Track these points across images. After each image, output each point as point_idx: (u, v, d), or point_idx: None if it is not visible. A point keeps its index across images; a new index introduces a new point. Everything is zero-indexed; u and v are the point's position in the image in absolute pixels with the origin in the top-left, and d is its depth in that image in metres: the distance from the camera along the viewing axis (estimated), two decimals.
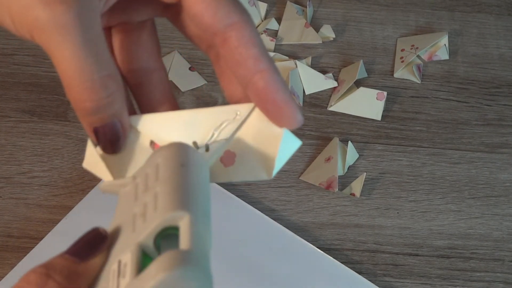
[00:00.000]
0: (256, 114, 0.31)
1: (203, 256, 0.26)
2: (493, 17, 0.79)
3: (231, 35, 0.30)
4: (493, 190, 0.67)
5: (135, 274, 0.27)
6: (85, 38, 0.28)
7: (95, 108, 0.30)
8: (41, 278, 0.28)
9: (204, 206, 0.28)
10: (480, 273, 0.63)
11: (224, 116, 0.32)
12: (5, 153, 0.66)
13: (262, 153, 0.31)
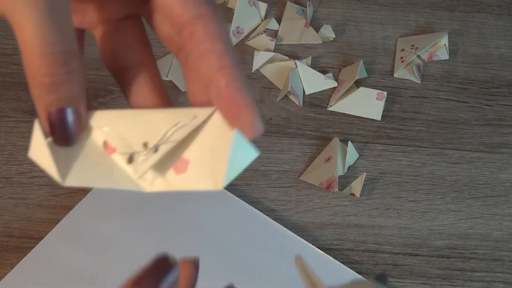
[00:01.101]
0: (216, 119, 0.30)
1: None
2: (493, 17, 0.79)
3: (197, 28, 0.29)
4: (493, 190, 0.67)
5: None
6: (51, 9, 0.27)
7: (52, 84, 0.28)
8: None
9: None
10: (480, 273, 0.63)
11: (181, 118, 0.31)
12: (5, 153, 0.66)
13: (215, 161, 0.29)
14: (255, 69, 0.73)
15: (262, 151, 0.68)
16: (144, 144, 0.31)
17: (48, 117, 0.29)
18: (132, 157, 0.31)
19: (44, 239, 0.61)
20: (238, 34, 0.75)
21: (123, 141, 0.31)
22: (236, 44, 0.75)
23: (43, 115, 0.29)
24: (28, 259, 0.60)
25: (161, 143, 0.31)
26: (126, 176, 0.31)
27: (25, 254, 0.60)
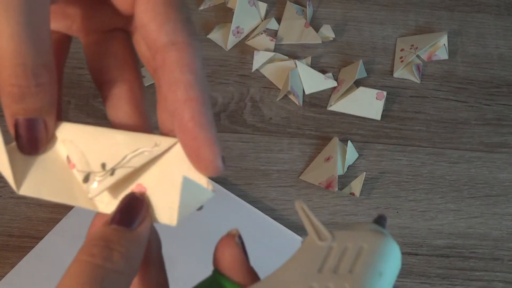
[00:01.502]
0: (178, 150, 0.30)
1: None
2: (493, 17, 0.79)
3: (170, 56, 0.29)
4: (492, 189, 0.68)
5: None
6: (29, 20, 0.27)
7: (20, 95, 0.28)
8: (105, 251, 0.28)
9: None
10: (479, 272, 0.63)
11: (143, 144, 0.30)
12: None
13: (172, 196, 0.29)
14: (255, 69, 0.73)
15: (262, 151, 0.68)
16: (102, 164, 0.31)
17: (14, 124, 0.29)
18: (88, 176, 0.31)
19: (44, 239, 0.61)
20: (238, 34, 0.75)
21: (83, 158, 0.31)
22: (236, 44, 0.75)
23: (10, 122, 0.29)
24: (29, 258, 0.60)
25: (118, 167, 0.30)
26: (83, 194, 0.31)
27: (26, 254, 0.60)
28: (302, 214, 0.30)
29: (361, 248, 0.29)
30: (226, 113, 0.70)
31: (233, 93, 0.72)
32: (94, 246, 0.28)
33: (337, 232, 0.30)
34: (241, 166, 0.67)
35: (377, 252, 0.29)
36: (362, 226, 0.30)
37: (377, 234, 0.29)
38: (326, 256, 0.29)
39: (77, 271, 0.27)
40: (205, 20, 0.77)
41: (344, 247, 0.29)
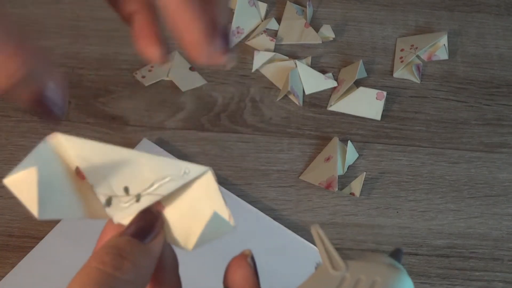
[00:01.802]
0: (206, 179, 0.30)
1: None
2: (493, 17, 0.79)
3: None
4: (492, 189, 0.68)
5: None
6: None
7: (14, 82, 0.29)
8: (116, 260, 0.28)
9: None
10: (479, 272, 0.63)
11: (171, 171, 0.30)
12: (6, 153, 0.67)
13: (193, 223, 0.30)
14: (255, 69, 0.73)
15: (262, 151, 0.68)
16: (125, 188, 0.30)
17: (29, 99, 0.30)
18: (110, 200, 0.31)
19: (44, 239, 0.61)
20: (238, 34, 0.75)
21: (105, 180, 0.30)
22: (236, 44, 0.75)
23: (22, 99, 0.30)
24: (29, 258, 0.60)
25: (144, 193, 0.30)
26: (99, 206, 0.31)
27: (26, 254, 0.60)
28: (318, 239, 0.30)
29: (374, 281, 0.29)
30: (226, 113, 0.70)
31: (233, 93, 0.72)
32: (106, 254, 0.28)
33: (351, 262, 0.30)
34: (241, 166, 0.67)
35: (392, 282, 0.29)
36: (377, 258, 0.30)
37: (391, 269, 0.29)
38: (338, 286, 0.29)
39: (86, 277, 0.27)
40: None
41: (357, 278, 0.29)
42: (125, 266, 0.28)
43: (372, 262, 0.30)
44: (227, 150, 0.68)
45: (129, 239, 0.29)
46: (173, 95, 0.71)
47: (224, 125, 0.70)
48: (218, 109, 0.71)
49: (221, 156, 0.68)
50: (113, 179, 0.30)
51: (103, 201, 0.30)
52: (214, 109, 0.71)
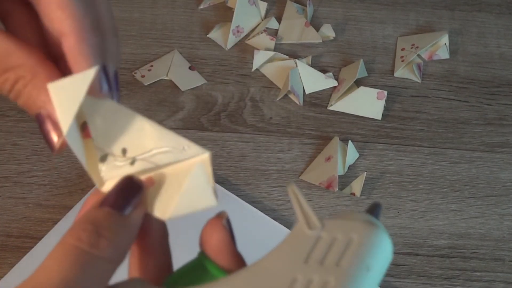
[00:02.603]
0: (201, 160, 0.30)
1: None
2: (494, 16, 0.79)
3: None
4: (494, 189, 0.67)
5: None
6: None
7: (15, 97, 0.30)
8: (93, 237, 0.27)
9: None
10: (480, 272, 0.63)
11: (171, 144, 0.30)
12: (4, 153, 0.66)
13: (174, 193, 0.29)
14: (255, 68, 0.73)
15: (262, 150, 0.68)
16: (123, 150, 0.30)
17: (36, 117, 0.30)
18: (106, 156, 0.31)
19: (43, 239, 0.61)
20: (238, 33, 0.75)
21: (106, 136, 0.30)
22: (236, 44, 0.75)
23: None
24: (27, 258, 0.60)
25: (140, 158, 0.30)
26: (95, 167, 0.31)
27: (25, 254, 0.60)
28: (294, 199, 0.29)
29: (350, 239, 0.28)
30: (226, 113, 0.70)
31: (233, 92, 0.72)
32: (83, 230, 0.28)
33: (328, 221, 0.29)
34: (241, 166, 0.67)
35: (366, 244, 0.27)
36: (354, 216, 0.29)
37: (368, 226, 0.28)
38: (313, 246, 0.28)
39: (61, 254, 0.27)
40: (205, 19, 0.76)
41: (333, 237, 0.28)
42: (102, 244, 0.27)
43: (349, 220, 0.29)
44: (227, 149, 0.68)
45: (107, 212, 0.29)
46: (172, 95, 0.71)
47: (224, 124, 0.69)
48: (218, 108, 0.70)
49: (221, 156, 0.67)
50: (114, 137, 0.30)
51: (99, 156, 0.31)
52: (214, 108, 0.70)
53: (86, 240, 0.27)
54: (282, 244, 0.29)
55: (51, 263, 0.27)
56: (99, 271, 0.27)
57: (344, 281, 0.26)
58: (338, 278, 0.26)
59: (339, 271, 0.26)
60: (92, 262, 0.27)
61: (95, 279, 0.27)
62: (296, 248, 0.28)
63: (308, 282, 0.26)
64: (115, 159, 0.30)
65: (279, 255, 0.28)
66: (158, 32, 0.75)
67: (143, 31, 0.75)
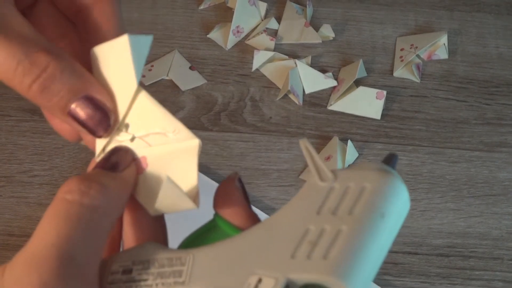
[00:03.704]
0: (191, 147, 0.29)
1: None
2: (492, 16, 0.79)
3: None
4: (492, 189, 0.68)
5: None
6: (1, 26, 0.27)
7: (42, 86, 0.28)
8: (83, 183, 0.27)
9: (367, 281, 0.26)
10: (479, 271, 0.63)
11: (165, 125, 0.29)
12: (5, 152, 0.67)
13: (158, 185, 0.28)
14: (255, 68, 0.73)
15: (262, 150, 0.68)
16: (126, 125, 0.30)
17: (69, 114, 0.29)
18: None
19: None
20: (238, 34, 0.75)
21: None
22: (236, 44, 0.75)
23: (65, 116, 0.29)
24: None
25: (138, 136, 0.30)
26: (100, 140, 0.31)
27: None
28: (306, 153, 0.28)
29: (363, 188, 0.26)
30: (226, 113, 0.70)
31: (233, 92, 0.72)
32: (72, 181, 0.27)
33: (340, 172, 0.28)
34: (241, 166, 0.67)
35: (380, 191, 0.26)
36: (368, 165, 0.28)
37: (381, 173, 0.27)
38: (326, 197, 0.27)
39: (53, 211, 0.26)
40: (205, 19, 0.77)
41: (346, 187, 0.27)
42: (93, 190, 0.27)
43: (361, 169, 0.27)
44: (227, 149, 0.68)
45: (99, 169, 0.28)
46: (173, 94, 0.71)
47: (224, 124, 0.70)
48: (218, 108, 0.71)
49: (221, 155, 0.68)
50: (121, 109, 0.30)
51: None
52: (214, 108, 0.71)
53: (76, 188, 0.27)
54: (295, 198, 0.28)
55: (44, 223, 0.26)
56: (93, 221, 0.26)
57: (357, 229, 0.25)
58: (351, 226, 0.25)
59: (352, 219, 0.25)
60: (85, 212, 0.26)
61: (91, 231, 0.26)
62: (309, 201, 0.27)
63: (321, 232, 0.26)
64: (118, 133, 0.30)
65: (292, 209, 0.27)
66: (158, 32, 0.75)
67: (143, 31, 0.75)
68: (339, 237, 0.25)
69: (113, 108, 0.29)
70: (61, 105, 0.29)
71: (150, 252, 0.29)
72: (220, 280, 0.26)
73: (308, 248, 0.25)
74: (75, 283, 0.25)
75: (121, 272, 0.28)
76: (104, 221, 0.27)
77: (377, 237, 0.26)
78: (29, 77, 0.28)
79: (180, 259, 0.28)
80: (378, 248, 0.26)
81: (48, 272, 0.25)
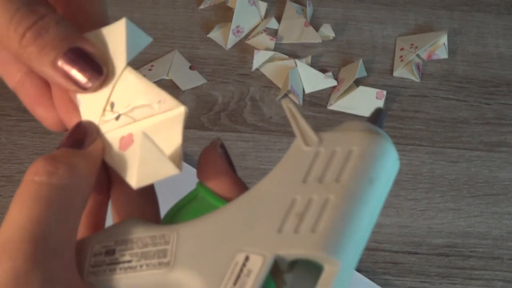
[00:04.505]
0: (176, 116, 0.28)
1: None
2: (492, 16, 0.79)
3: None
4: (492, 188, 0.68)
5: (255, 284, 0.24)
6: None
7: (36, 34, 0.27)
8: (50, 164, 0.26)
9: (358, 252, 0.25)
10: (479, 271, 0.63)
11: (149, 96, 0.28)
12: (5, 152, 0.67)
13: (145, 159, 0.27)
14: (255, 68, 0.73)
15: (262, 150, 0.68)
16: (111, 103, 0.29)
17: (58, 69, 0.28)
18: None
19: None
20: (238, 33, 0.75)
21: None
22: (236, 43, 0.75)
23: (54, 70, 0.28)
24: None
25: (123, 113, 0.29)
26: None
27: None
28: (290, 115, 0.26)
29: (350, 151, 0.25)
30: (226, 112, 0.70)
31: (233, 92, 0.72)
32: (39, 162, 0.26)
33: (325, 134, 0.26)
34: (241, 165, 0.67)
35: (367, 155, 0.25)
36: (354, 126, 0.26)
37: (368, 134, 0.25)
38: (312, 163, 0.26)
39: (22, 194, 0.26)
40: (205, 19, 0.77)
41: (332, 151, 0.25)
42: (60, 170, 0.26)
43: (348, 131, 0.26)
44: (227, 149, 0.68)
45: (64, 148, 0.28)
46: (173, 94, 0.71)
47: (224, 124, 0.70)
48: (218, 108, 0.71)
49: None
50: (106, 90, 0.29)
51: None
52: (214, 108, 0.71)
53: (43, 169, 0.26)
54: (280, 165, 0.27)
55: (14, 207, 0.26)
56: (64, 201, 0.26)
57: (345, 197, 0.24)
58: (338, 195, 0.24)
59: (339, 187, 0.24)
60: (55, 192, 0.26)
61: (62, 211, 0.26)
62: (294, 167, 0.26)
63: (308, 202, 0.25)
64: (104, 114, 0.29)
65: (277, 177, 0.26)
66: (158, 32, 0.75)
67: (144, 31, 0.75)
68: (327, 207, 0.24)
69: (105, 61, 0.29)
70: (51, 56, 0.27)
71: (133, 230, 0.27)
72: (206, 260, 0.25)
73: (295, 221, 0.24)
74: (50, 266, 0.24)
75: (104, 253, 0.27)
76: (75, 200, 0.26)
77: (366, 204, 0.25)
78: (25, 24, 0.27)
79: (164, 237, 0.27)
80: (367, 216, 0.25)
81: (21, 257, 0.24)
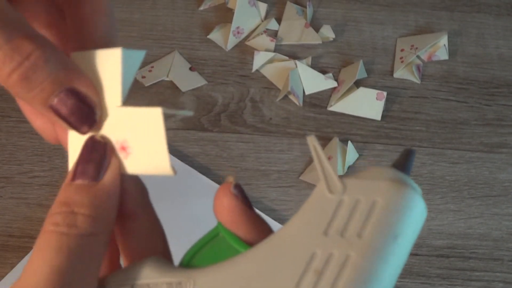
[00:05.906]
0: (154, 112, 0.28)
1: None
2: (493, 17, 0.79)
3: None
4: (492, 190, 0.68)
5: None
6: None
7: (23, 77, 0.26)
8: (68, 218, 0.26)
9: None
10: (479, 272, 0.63)
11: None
12: (5, 153, 0.67)
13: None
14: (255, 69, 0.73)
15: (262, 151, 0.68)
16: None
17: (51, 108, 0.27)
18: None
19: None
20: (238, 34, 0.75)
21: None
22: (236, 44, 0.75)
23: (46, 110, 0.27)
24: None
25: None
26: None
27: (26, 254, 0.60)
28: (315, 155, 0.25)
29: (374, 203, 0.24)
30: (226, 113, 0.70)
31: (233, 93, 0.72)
32: (57, 214, 0.27)
33: (350, 181, 0.25)
34: (241, 166, 0.67)
35: (391, 208, 0.24)
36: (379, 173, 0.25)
37: (393, 185, 0.24)
38: (334, 213, 0.25)
39: (43, 245, 0.26)
40: (205, 20, 0.77)
41: (355, 201, 0.24)
42: (80, 221, 0.26)
43: (373, 179, 0.25)
44: (227, 150, 0.68)
45: (78, 185, 0.27)
46: (173, 95, 0.71)
47: (224, 125, 0.70)
48: (218, 109, 0.71)
49: (221, 156, 0.68)
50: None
51: None
52: (214, 109, 0.71)
53: (63, 223, 0.26)
54: (302, 210, 0.26)
55: (35, 257, 0.26)
56: (86, 249, 0.26)
57: (366, 255, 0.23)
58: (360, 252, 0.23)
59: (361, 243, 0.23)
60: (76, 242, 0.26)
61: (84, 259, 0.26)
62: (316, 216, 0.25)
63: (328, 257, 0.24)
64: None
65: (299, 225, 0.25)
66: (158, 33, 0.75)
67: (144, 32, 0.75)
68: (347, 265, 0.23)
69: (99, 102, 0.28)
70: (42, 98, 0.27)
71: (150, 273, 0.27)
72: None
73: (314, 278, 0.24)
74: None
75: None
76: (96, 246, 0.26)
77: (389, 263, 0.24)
78: (9, 65, 0.26)
79: (181, 285, 0.26)
80: (390, 273, 0.24)
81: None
